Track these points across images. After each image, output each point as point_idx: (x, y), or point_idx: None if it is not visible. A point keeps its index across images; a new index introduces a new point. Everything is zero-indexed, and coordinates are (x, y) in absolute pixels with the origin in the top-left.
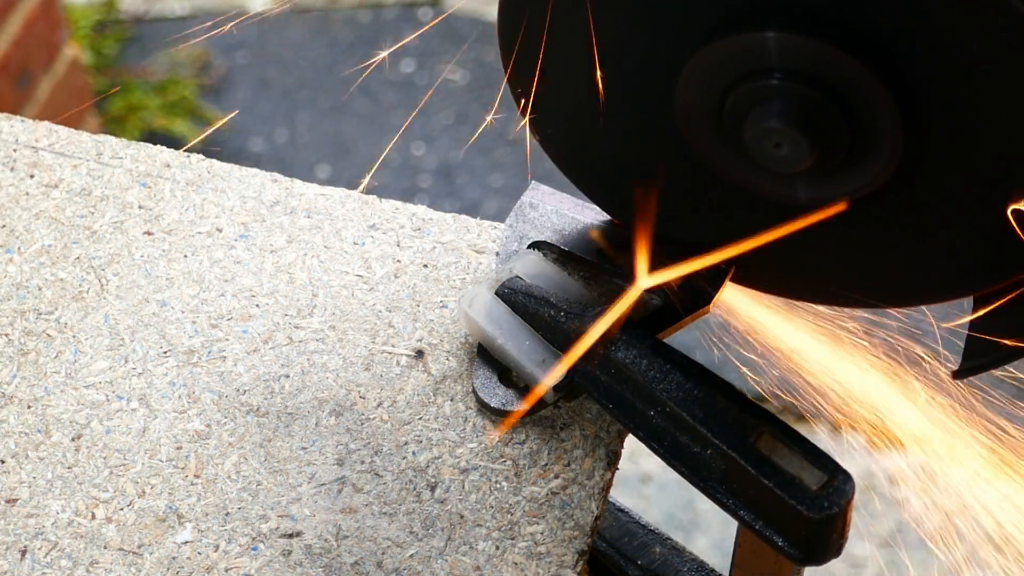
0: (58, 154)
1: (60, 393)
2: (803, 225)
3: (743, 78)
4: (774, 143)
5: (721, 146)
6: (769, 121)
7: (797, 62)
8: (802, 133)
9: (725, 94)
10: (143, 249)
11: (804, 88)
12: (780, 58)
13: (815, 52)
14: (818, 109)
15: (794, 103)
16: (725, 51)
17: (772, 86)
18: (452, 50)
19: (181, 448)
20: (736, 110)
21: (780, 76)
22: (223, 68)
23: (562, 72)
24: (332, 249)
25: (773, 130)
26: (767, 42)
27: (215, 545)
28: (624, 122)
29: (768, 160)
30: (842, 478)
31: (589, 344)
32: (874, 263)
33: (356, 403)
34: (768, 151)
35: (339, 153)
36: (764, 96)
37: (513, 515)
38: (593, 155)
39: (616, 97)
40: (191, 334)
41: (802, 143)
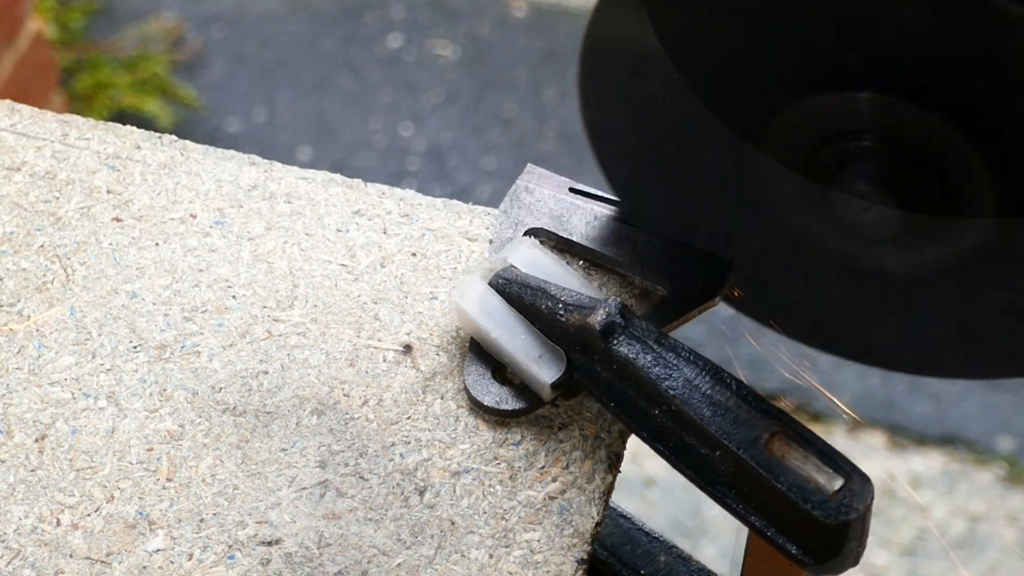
0: (20, 135)
1: (23, 391)
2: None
3: (834, 137)
4: (863, 206)
5: (810, 208)
6: (858, 183)
7: (888, 124)
8: (891, 197)
9: (814, 152)
10: (112, 237)
11: (895, 150)
12: (871, 119)
13: (906, 114)
14: (908, 172)
15: (884, 166)
16: (818, 108)
17: (863, 148)
18: (443, 23)
19: (152, 450)
20: (824, 172)
21: (871, 138)
22: (197, 43)
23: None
24: (314, 237)
25: (862, 192)
26: (860, 103)
27: (189, 553)
28: (703, 161)
29: (857, 224)
30: (860, 481)
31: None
32: (968, 333)
33: (340, 401)
34: (857, 215)
35: (321, 134)
36: (854, 157)
37: (508, 521)
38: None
39: (696, 136)
40: (163, 328)
41: (891, 207)
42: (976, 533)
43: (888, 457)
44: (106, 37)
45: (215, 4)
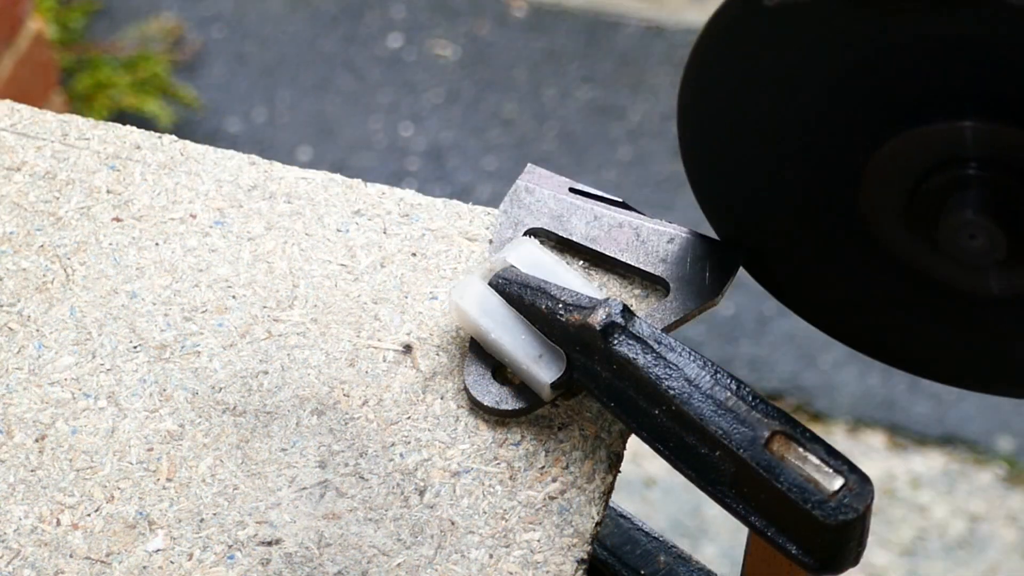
0: (20, 135)
1: (23, 391)
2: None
3: (939, 166)
4: (969, 234)
5: (911, 234)
6: (965, 212)
7: (993, 151)
8: (997, 224)
9: (919, 183)
10: (112, 237)
11: (1001, 177)
12: (975, 147)
13: (1011, 141)
14: (1014, 199)
15: (990, 193)
16: (921, 138)
17: (968, 176)
18: (443, 23)
19: (152, 450)
20: (929, 200)
21: (976, 166)
22: (197, 43)
23: (746, 112)
24: (314, 237)
25: (968, 221)
26: (964, 132)
27: (189, 553)
28: (802, 194)
29: (962, 252)
30: (860, 481)
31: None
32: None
33: (339, 401)
34: (963, 242)
35: (321, 134)
36: (959, 186)
37: (508, 521)
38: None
39: (798, 159)
40: (163, 328)
41: (998, 234)
42: (976, 533)
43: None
44: (106, 37)
45: (215, 4)
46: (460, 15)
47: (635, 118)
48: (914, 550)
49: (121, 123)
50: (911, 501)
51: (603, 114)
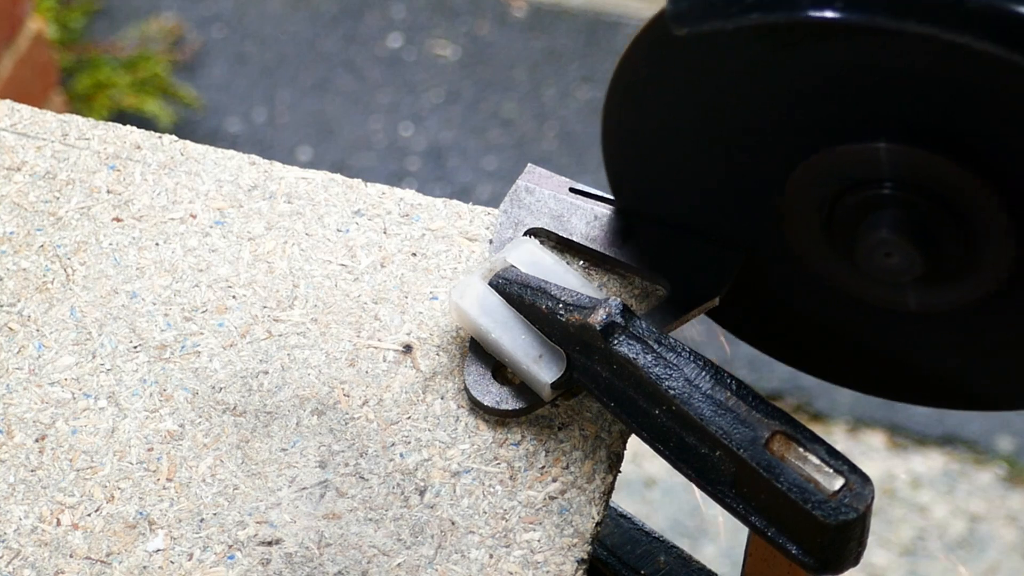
0: (21, 135)
1: (23, 391)
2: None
3: (855, 186)
4: (885, 252)
5: (829, 250)
6: (880, 231)
7: (908, 172)
8: (913, 243)
9: (836, 200)
10: (112, 236)
11: (915, 198)
12: (891, 168)
13: (925, 163)
14: (929, 219)
15: (905, 213)
16: (837, 158)
17: (883, 195)
18: (443, 23)
19: (152, 449)
20: (846, 218)
21: (891, 185)
22: (197, 43)
23: (669, 134)
24: (314, 237)
25: (884, 240)
26: (879, 153)
27: (189, 553)
28: (724, 209)
29: (879, 270)
30: (860, 482)
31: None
32: (983, 367)
33: (340, 401)
34: (879, 261)
35: (321, 134)
36: (875, 205)
37: (508, 521)
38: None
39: (721, 177)
40: (163, 327)
41: (913, 253)
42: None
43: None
44: (106, 37)
45: (215, 4)
46: (460, 15)
47: None
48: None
49: (121, 123)
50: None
51: None
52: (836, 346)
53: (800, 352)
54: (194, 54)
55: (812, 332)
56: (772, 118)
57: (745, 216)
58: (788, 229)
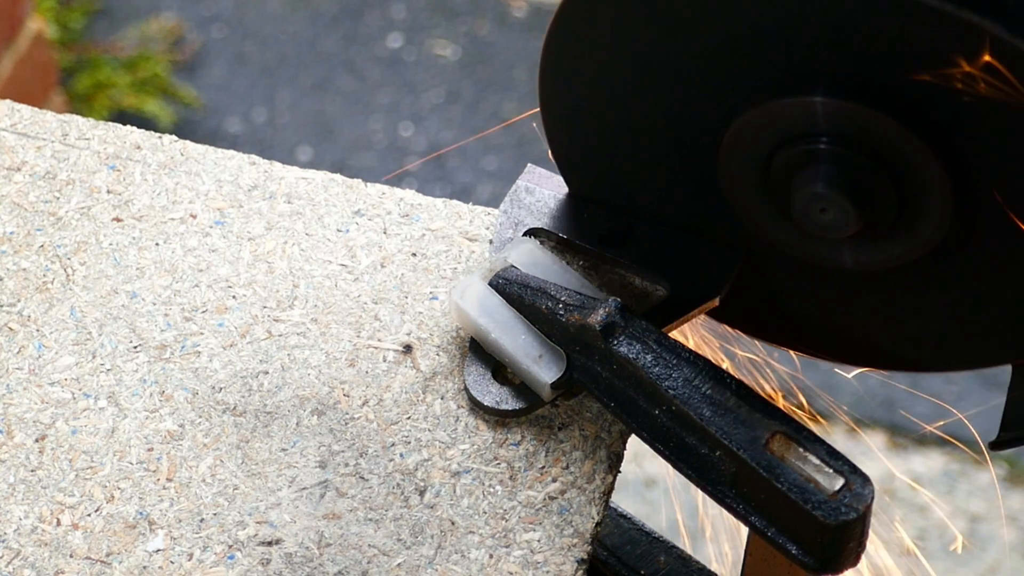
0: (21, 135)
1: (23, 391)
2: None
3: (790, 141)
4: (820, 208)
5: (766, 206)
6: (816, 185)
7: (844, 127)
8: (848, 199)
9: (771, 155)
10: (112, 237)
11: (851, 153)
12: (828, 123)
13: (862, 118)
14: (865, 175)
15: (841, 168)
16: (773, 113)
17: (819, 151)
18: (442, 23)
19: (152, 449)
20: (782, 172)
21: (827, 140)
22: (197, 43)
23: (603, 99)
24: (314, 237)
25: (819, 195)
26: (815, 107)
27: (189, 553)
28: (664, 165)
29: (814, 225)
30: (860, 482)
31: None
32: (918, 328)
33: (340, 401)
34: (814, 216)
35: (321, 134)
36: (810, 160)
37: (508, 521)
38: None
39: (658, 139)
40: (163, 328)
41: (848, 209)
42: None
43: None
44: (106, 37)
45: (215, 4)
46: (460, 15)
47: None
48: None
49: (121, 123)
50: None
51: None
52: (780, 309)
53: (747, 318)
54: (194, 54)
55: (761, 297)
56: (704, 74)
57: (687, 183)
58: (727, 190)
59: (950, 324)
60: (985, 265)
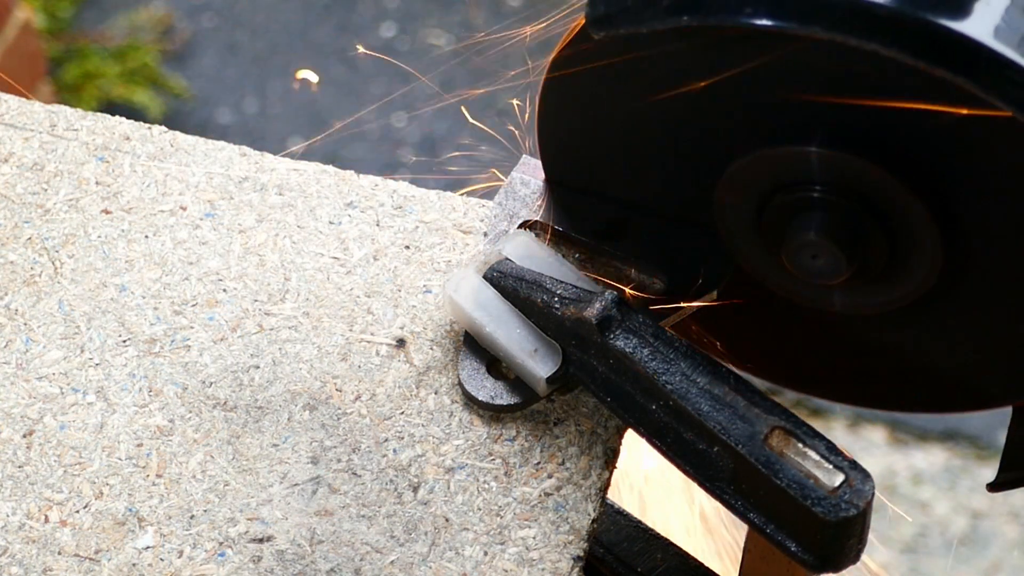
0: (8, 125)
1: (10, 386)
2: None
3: (783, 188)
4: (811, 254)
5: (759, 251)
6: (808, 233)
7: (838, 176)
8: (839, 246)
9: (765, 201)
10: (100, 229)
11: (843, 202)
12: (821, 172)
13: (855, 168)
14: (857, 223)
15: (834, 216)
16: (767, 160)
17: (813, 198)
18: (436, 12)
19: (142, 445)
20: (775, 219)
21: (821, 189)
22: (187, 32)
23: (595, 139)
24: (306, 229)
25: (811, 242)
26: (810, 156)
27: (179, 550)
28: (660, 205)
29: (805, 271)
30: (860, 478)
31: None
32: (913, 370)
33: (332, 396)
34: (805, 262)
35: (313, 125)
36: (804, 208)
37: (503, 518)
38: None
39: (650, 183)
40: (152, 321)
41: (839, 256)
42: (978, 530)
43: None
44: (95, 26)
45: None
46: (454, 4)
47: None
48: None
49: (110, 114)
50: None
51: None
52: (777, 352)
53: (749, 360)
54: (184, 44)
55: (756, 337)
56: (699, 121)
57: (681, 218)
58: (721, 230)
59: (948, 365)
60: (978, 306)
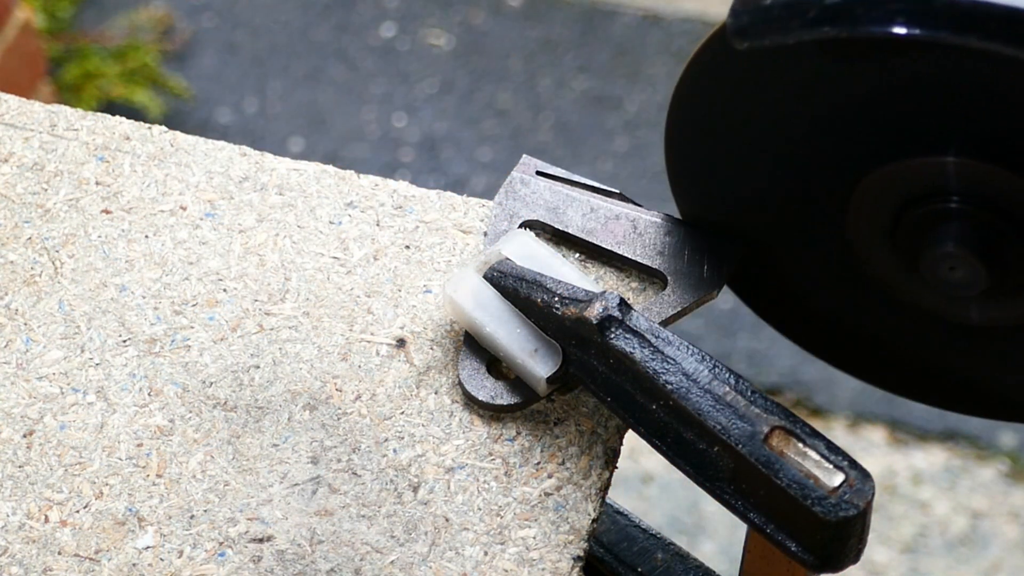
0: (8, 125)
1: (10, 386)
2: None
3: (920, 199)
4: (949, 266)
5: (894, 263)
6: (946, 245)
7: (975, 187)
8: (979, 257)
9: (900, 213)
10: (101, 229)
11: (981, 212)
12: (958, 182)
13: (993, 178)
14: (996, 234)
15: (972, 227)
16: (904, 171)
17: (950, 209)
18: (437, 12)
19: (142, 445)
20: (912, 231)
21: (958, 200)
22: (187, 32)
23: (732, 142)
24: (306, 229)
25: (949, 254)
26: (947, 167)
27: (179, 550)
28: (789, 222)
29: (943, 283)
30: (861, 477)
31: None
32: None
33: (332, 396)
34: (943, 274)
35: (313, 125)
36: (942, 219)
37: (503, 518)
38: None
39: (786, 195)
40: (153, 321)
41: (978, 267)
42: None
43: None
44: (95, 26)
45: None
46: (454, 4)
47: (632, 108)
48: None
49: (110, 114)
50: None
51: (599, 104)
52: (904, 360)
53: (867, 366)
54: (184, 44)
55: (880, 344)
56: (837, 131)
57: (810, 227)
58: (853, 239)
59: None
60: None
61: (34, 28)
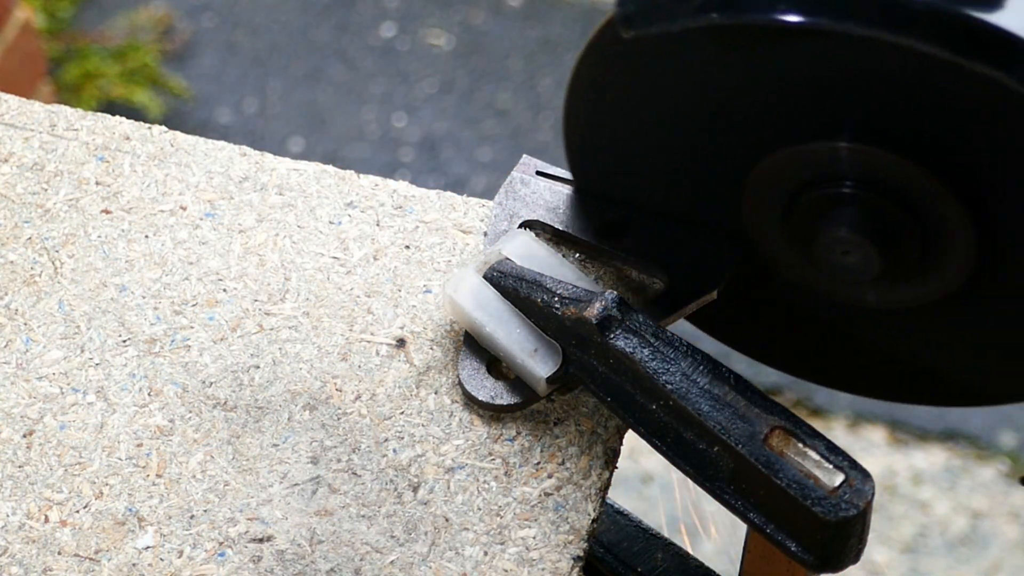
0: (8, 125)
1: (10, 386)
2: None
3: (813, 183)
4: (842, 250)
5: (789, 249)
6: (839, 229)
7: (868, 172)
8: (872, 242)
9: (794, 197)
10: (100, 229)
11: (875, 197)
12: (851, 167)
13: (886, 163)
14: (888, 218)
15: (864, 212)
16: (798, 156)
17: (843, 194)
18: (436, 12)
19: (142, 445)
20: (805, 215)
21: (851, 185)
22: (188, 32)
23: (627, 123)
24: (306, 229)
25: (843, 238)
26: (839, 152)
27: (179, 550)
28: (688, 208)
29: (837, 268)
30: (860, 478)
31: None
32: (951, 364)
33: (332, 396)
34: (837, 258)
35: (313, 125)
36: (835, 204)
37: (503, 518)
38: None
39: (681, 185)
40: (152, 321)
41: (871, 252)
42: (978, 530)
43: (889, 453)
44: (95, 26)
45: None
46: (454, 4)
47: None
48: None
49: (110, 114)
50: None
51: None
52: (808, 345)
53: (774, 353)
54: (184, 44)
55: (784, 332)
56: (730, 117)
57: (708, 211)
58: (750, 224)
59: (988, 358)
60: (1014, 300)
61: (34, 28)
